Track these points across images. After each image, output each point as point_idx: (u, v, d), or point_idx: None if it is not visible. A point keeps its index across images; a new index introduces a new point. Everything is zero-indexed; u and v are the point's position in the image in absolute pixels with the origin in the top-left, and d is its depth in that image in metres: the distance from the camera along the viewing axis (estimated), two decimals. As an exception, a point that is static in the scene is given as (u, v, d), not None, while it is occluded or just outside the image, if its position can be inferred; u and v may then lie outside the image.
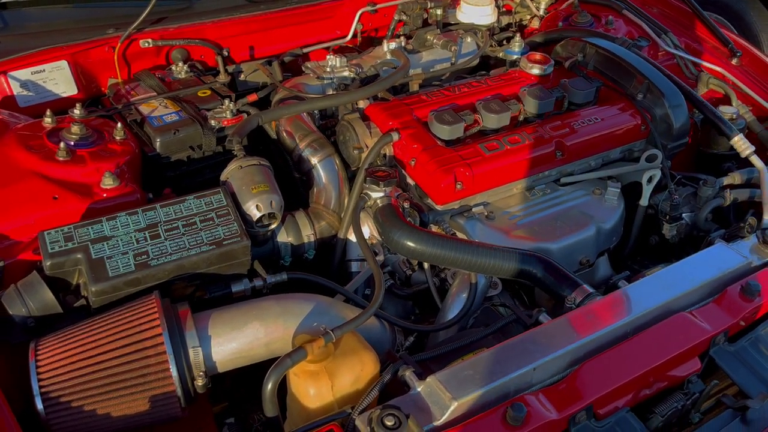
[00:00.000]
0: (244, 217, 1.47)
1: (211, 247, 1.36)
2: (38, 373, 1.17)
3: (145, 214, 1.39)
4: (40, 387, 1.16)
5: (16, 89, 1.79)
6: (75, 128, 1.57)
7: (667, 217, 1.79)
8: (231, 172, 1.53)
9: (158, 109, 1.77)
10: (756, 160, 1.81)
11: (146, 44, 1.95)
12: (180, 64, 1.96)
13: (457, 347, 1.39)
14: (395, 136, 1.68)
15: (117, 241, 1.34)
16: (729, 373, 1.38)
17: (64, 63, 1.84)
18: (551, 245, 1.64)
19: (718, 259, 1.54)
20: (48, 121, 1.61)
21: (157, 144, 1.67)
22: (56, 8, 1.99)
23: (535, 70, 1.95)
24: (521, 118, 1.84)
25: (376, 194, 1.57)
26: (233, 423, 1.41)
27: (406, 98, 1.84)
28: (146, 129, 1.72)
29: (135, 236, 1.36)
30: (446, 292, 1.66)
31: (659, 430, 1.30)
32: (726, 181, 1.86)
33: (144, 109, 1.77)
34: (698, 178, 1.89)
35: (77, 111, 1.66)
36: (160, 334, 1.20)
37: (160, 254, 1.34)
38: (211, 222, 1.40)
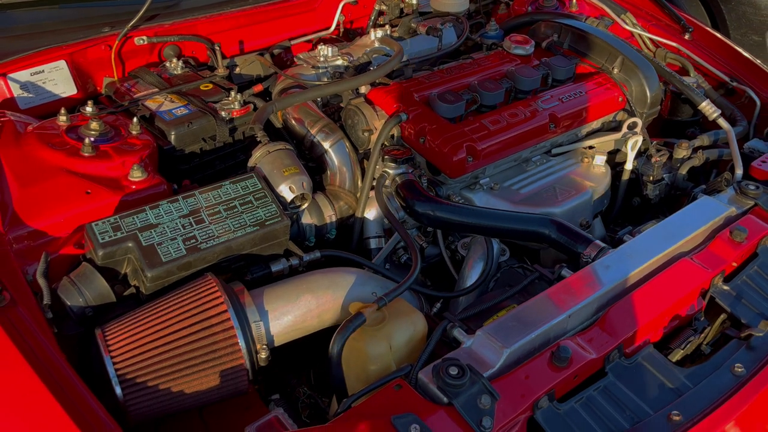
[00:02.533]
0: (278, 198, 1.52)
1: (255, 228, 1.42)
2: (112, 358, 1.19)
3: (186, 201, 1.43)
4: (116, 371, 1.18)
5: (16, 91, 1.77)
6: (94, 124, 1.58)
7: (651, 178, 1.95)
8: (259, 158, 1.58)
9: (165, 104, 1.79)
10: (723, 122, 2.00)
11: (141, 41, 1.96)
12: (174, 60, 1.98)
13: (492, 305, 1.49)
14: (404, 117, 1.77)
15: (164, 227, 1.37)
16: (729, 308, 1.54)
17: (62, 63, 1.83)
18: (555, 209, 1.77)
19: (706, 210, 1.70)
20: (63, 119, 1.61)
21: (172, 137, 1.70)
22: (43, 9, 1.96)
23: (519, 51, 2.08)
24: (512, 95, 1.96)
25: (395, 171, 1.66)
26: (279, 398, 1.47)
27: (404, 82, 1.93)
28: (157, 124, 1.73)
29: (180, 222, 1.39)
30: (457, 262, 1.77)
31: (679, 363, 1.44)
32: (696, 143, 2.04)
33: (150, 104, 1.79)
34: (670, 143, 2.08)
35: (89, 109, 1.66)
36: (226, 311, 1.25)
37: (207, 238, 1.38)
38: (250, 205, 1.45)
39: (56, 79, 1.83)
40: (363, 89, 1.90)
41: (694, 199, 1.80)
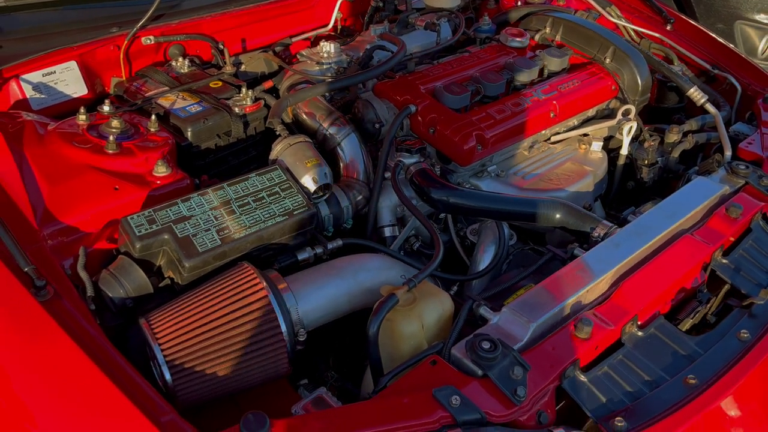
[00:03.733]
0: (302, 189, 1.57)
1: (284, 218, 1.46)
2: (159, 345, 1.23)
3: (216, 194, 1.47)
4: (165, 357, 1.22)
5: (29, 92, 1.79)
6: (115, 122, 1.61)
7: (646, 162, 2.05)
8: (281, 151, 1.63)
9: (178, 102, 1.82)
10: (710, 107, 2.11)
11: (148, 41, 1.98)
12: (180, 59, 2.01)
13: (510, 285, 1.57)
14: (413, 109, 1.83)
15: (197, 219, 1.41)
16: (729, 279, 1.63)
17: (73, 63, 1.85)
18: (560, 193, 1.85)
19: (702, 190, 1.80)
20: (83, 118, 1.64)
21: (189, 133, 1.73)
22: (47, 11, 1.97)
23: (516, 43, 2.16)
24: (512, 85, 2.04)
25: (409, 161, 1.72)
26: (308, 383, 1.52)
27: (408, 75, 1.99)
28: (172, 121, 1.76)
29: (212, 214, 1.43)
30: (466, 248, 1.84)
31: (688, 332, 1.53)
32: (685, 128, 2.15)
33: (163, 102, 1.82)
34: (660, 128, 2.18)
35: (107, 108, 1.69)
36: (266, 296, 1.29)
37: (239, 228, 1.42)
38: (277, 195, 1.50)
39: (67, 79, 1.84)
40: (368, 83, 1.96)
41: (689, 180, 1.90)
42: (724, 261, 1.66)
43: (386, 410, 1.18)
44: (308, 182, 1.60)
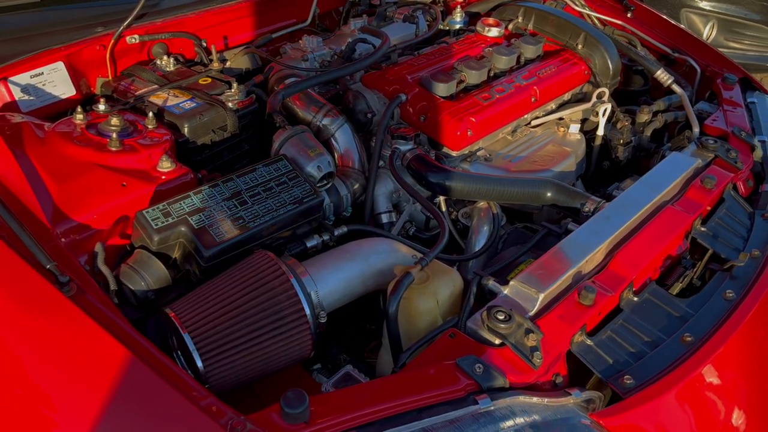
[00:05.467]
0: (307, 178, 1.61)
1: (295, 206, 1.50)
2: (189, 333, 1.25)
3: (226, 185, 1.49)
4: (195, 344, 1.24)
5: (17, 94, 1.76)
6: (114, 120, 1.61)
7: (621, 142, 2.16)
8: (283, 142, 1.65)
9: (170, 99, 1.83)
10: (676, 88, 2.23)
11: (133, 40, 1.98)
12: (165, 57, 2.02)
13: (510, 262, 1.64)
14: (403, 98, 1.88)
15: (211, 211, 1.43)
16: (709, 246, 1.75)
17: (60, 64, 1.83)
18: (546, 174, 1.94)
19: (678, 164, 1.90)
20: (80, 117, 1.63)
21: (185, 129, 1.74)
22: (29, 13, 1.94)
23: (493, 33, 2.24)
24: (491, 73, 2.12)
25: (405, 147, 1.77)
26: (321, 368, 1.56)
27: (394, 66, 2.05)
28: (167, 118, 1.77)
29: (225, 205, 1.46)
30: (459, 231, 1.91)
31: (678, 295, 1.63)
32: (654, 108, 2.27)
33: (155, 100, 1.82)
34: (631, 110, 2.29)
35: (102, 107, 1.69)
36: (289, 281, 1.33)
37: (253, 217, 1.45)
38: (285, 185, 1.53)
39: (55, 80, 1.83)
40: (356, 75, 2.00)
41: (663, 156, 2.01)
42: (703, 229, 1.77)
43: (414, 381, 1.23)
44: (313, 171, 1.63)
